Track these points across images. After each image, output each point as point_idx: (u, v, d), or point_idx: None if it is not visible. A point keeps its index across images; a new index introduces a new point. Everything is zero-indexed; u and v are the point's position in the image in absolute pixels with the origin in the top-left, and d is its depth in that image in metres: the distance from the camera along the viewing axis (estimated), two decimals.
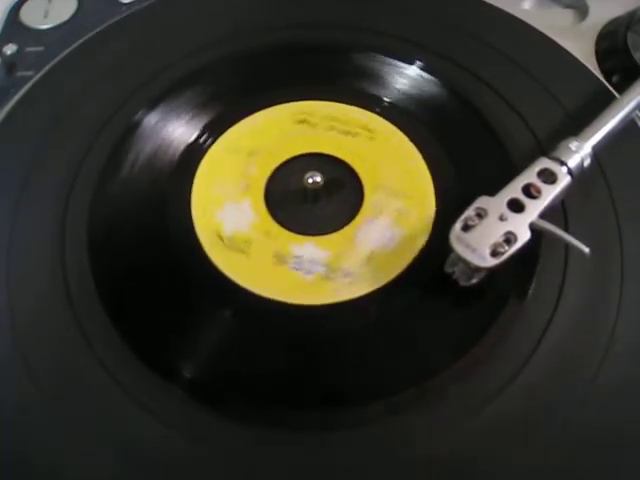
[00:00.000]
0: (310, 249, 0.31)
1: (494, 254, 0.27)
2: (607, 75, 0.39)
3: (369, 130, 0.35)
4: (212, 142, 0.35)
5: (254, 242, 0.32)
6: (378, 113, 0.36)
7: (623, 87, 0.33)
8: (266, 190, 0.33)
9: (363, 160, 0.34)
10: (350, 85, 0.37)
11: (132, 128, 0.35)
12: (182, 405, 0.28)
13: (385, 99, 0.36)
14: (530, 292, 0.30)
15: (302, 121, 0.36)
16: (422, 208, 0.32)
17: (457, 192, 0.33)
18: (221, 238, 0.32)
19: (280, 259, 0.31)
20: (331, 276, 0.30)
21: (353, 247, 0.31)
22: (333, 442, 0.27)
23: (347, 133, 0.35)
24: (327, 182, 0.32)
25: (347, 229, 0.32)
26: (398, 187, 0.33)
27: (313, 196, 0.33)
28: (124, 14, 0.42)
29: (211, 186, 0.33)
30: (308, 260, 0.31)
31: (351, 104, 0.36)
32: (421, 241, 0.31)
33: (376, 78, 0.37)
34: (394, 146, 0.35)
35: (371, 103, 0.36)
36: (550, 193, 0.28)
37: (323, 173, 0.32)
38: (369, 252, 0.31)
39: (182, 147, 0.35)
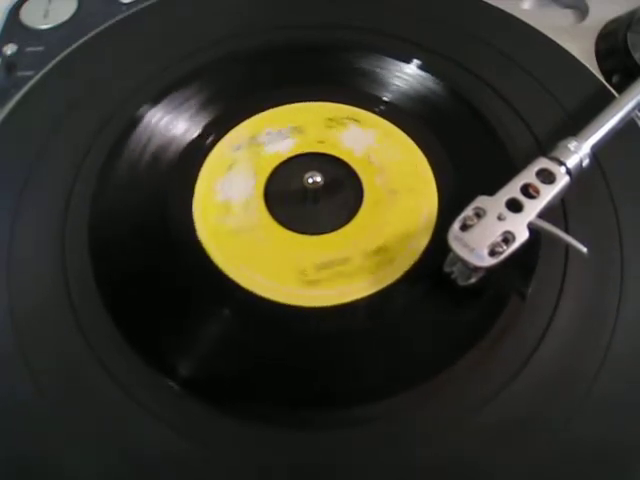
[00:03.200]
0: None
1: (492, 254, 0.27)
2: (607, 75, 0.39)
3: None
4: (213, 142, 0.35)
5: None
6: (378, 113, 0.36)
7: (623, 87, 0.33)
8: (266, 190, 0.33)
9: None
10: (350, 85, 0.37)
11: (132, 128, 0.35)
12: (182, 404, 0.28)
13: (385, 99, 0.36)
14: (530, 292, 0.30)
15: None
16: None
17: (457, 191, 0.33)
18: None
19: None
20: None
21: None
22: (333, 442, 0.27)
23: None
24: (327, 182, 0.32)
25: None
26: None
27: (313, 196, 0.33)
28: (124, 14, 0.42)
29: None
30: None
31: (351, 104, 0.36)
32: (423, 241, 0.31)
33: (376, 78, 0.37)
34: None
35: (371, 103, 0.36)
36: (548, 193, 0.28)
37: (323, 173, 0.32)
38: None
39: (183, 147, 0.35)
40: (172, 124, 0.36)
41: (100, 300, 0.30)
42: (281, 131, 0.35)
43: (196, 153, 0.35)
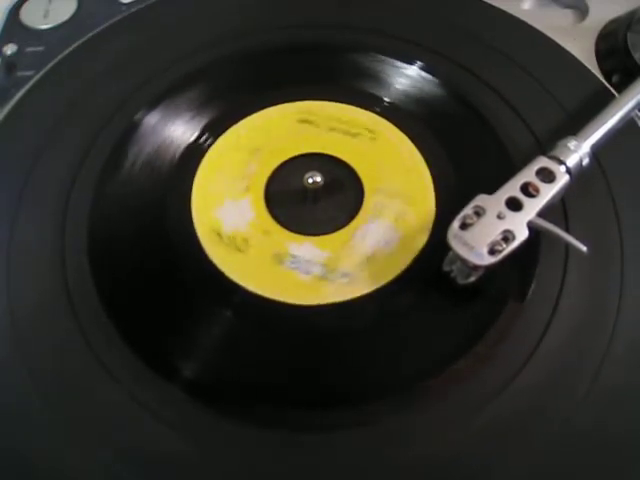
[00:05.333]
0: (309, 249, 0.31)
1: (492, 252, 0.27)
2: (607, 75, 0.39)
3: (369, 130, 0.35)
4: (212, 142, 0.35)
5: (253, 241, 0.32)
6: (378, 113, 0.36)
7: (623, 87, 0.33)
8: (266, 190, 0.33)
9: (363, 160, 0.34)
10: (351, 85, 0.37)
11: (132, 128, 0.35)
12: (182, 405, 0.28)
13: (385, 99, 0.36)
14: (530, 292, 0.30)
15: (302, 121, 0.36)
16: (422, 208, 0.32)
17: (457, 191, 0.33)
18: (220, 237, 0.32)
19: (279, 258, 0.31)
20: (329, 276, 0.30)
21: (352, 247, 0.31)
22: (333, 442, 0.27)
23: (347, 133, 0.35)
24: (327, 182, 0.32)
25: (347, 229, 0.32)
26: (398, 187, 0.33)
27: (313, 196, 0.33)
28: (124, 14, 0.42)
29: (211, 186, 0.33)
30: (306, 260, 0.31)
31: (352, 104, 0.36)
32: (421, 241, 0.31)
33: (376, 78, 0.37)
34: (394, 146, 0.35)
35: (371, 103, 0.36)
36: (548, 192, 0.28)
37: (323, 173, 0.32)
38: (368, 252, 0.31)
39: (182, 147, 0.35)
40: (172, 124, 0.36)
41: (99, 300, 0.30)
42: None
43: (195, 153, 0.35)
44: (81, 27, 0.42)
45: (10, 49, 0.42)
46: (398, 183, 0.33)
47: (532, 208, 0.28)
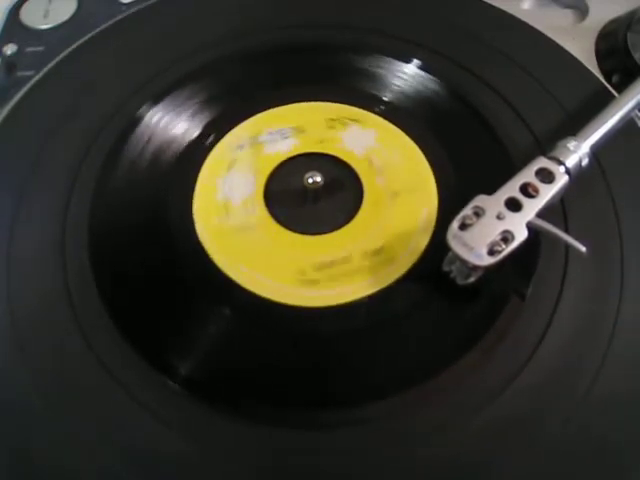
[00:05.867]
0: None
1: (491, 253, 0.27)
2: (607, 75, 0.39)
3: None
4: (214, 142, 0.35)
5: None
6: (378, 113, 0.36)
7: (623, 87, 0.33)
8: (266, 190, 0.33)
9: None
10: (351, 85, 0.37)
11: (132, 128, 0.35)
12: (182, 404, 0.28)
13: (385, 99, 0.36)
14: (530, 292, 0.30)
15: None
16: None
17: (457, 191, 0.33)
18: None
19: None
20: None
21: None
22: (333, 442, 0.27)
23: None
24: (327, 182, 0.32)
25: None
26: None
27: (313, 196, 0.33)
28: (124, 14, 0.42)
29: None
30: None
31: (351, 104, 0.36)
32: (423, 241, 0.31)
33: (376, 78, 0.37)
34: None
35: (371, 103, 0.36)
36: (548, 192, 0.28)
37: (323, 173, 0.32)
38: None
39: (183, 147, 0.35)
40: (172, 124, 0.36)
41: (100, 300, 0.30)
42: (281, 131, 0.35)
43: (196, 153, 0.35)
44: (81, 27, 0.42)
45: (10, 49, 0.42)
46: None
47: (531, 208, 0.28)
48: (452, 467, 0.27)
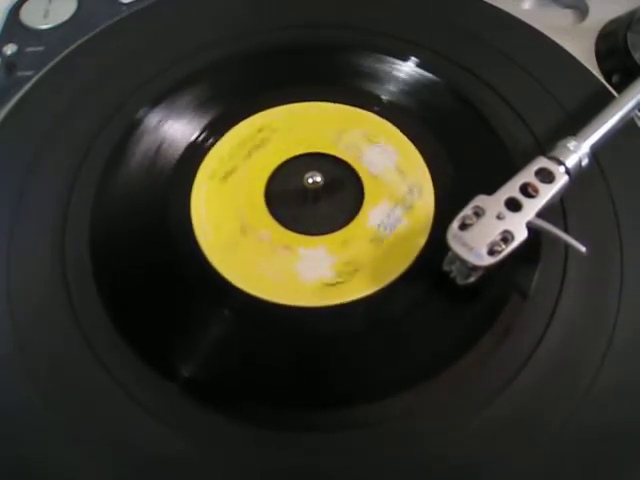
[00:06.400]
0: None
1: (491, 253, 0.27)
2: (607, 75, 0.39)
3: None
4: (213, 142, 0.35)
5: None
6: (377, 112, 0.36)
7: (623, 87, 0.33)
8: (266, 190, 0.33)
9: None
10: (350, 85, 0.37)
11: (132, 128, 0.35)
12: (182, 405, 0.28)
13: (385, 98, 0.36)
14: (530, 292, 0.30)
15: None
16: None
17: (456, 191, 0.33)
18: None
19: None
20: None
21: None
22: (333, 442, 0.27)
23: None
24: (327, 182, 0.32)
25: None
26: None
27: (313, 196, 0.33)
28: (124, 14, 0.42)
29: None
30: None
31: (351, 104, 0.36)
32: (421, 241, 0.31)
33: (376, 78, 0.37)
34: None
35: (371, 103, 0.36)
36: (547, 192, 0.29)
37: (323, 173, 0.32)
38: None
39: (183, 147, 0.35)
40: (172, 124, 0.36)
41: (100, 300, 0.30)
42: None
43: (196, 154, 0.35)
44: (81, 27, 0.42)
45: (10, 49, 0.42)
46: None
47: (531, 208, 0.28)
48: (452, 467, 0.27)
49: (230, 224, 0.32)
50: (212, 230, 0.32)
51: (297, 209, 0.33)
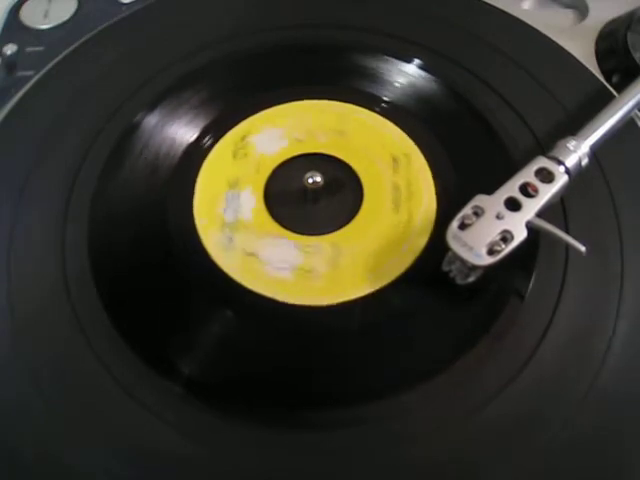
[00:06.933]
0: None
1: (491, 252, 0.27)
2: (607, 75, 0.39)
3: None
4: (213, 143, 0.35)
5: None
6: (378, 112, 0.36)
7: (623, 87, 0.33)
8: (266, 190, 0.33)
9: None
10: (350, 85, 0.37)
11: (132, 128, 0.35)
12: (182, 405, 0.28)
13: (385, 99, 0.36)
14: (530, 292, 0.30)
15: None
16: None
17: (457, 191, 0.33)
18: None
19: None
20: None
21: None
22: (333, 442, 0.27)
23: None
24: (327, 182, 0.32)
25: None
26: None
27: (313, 196, 0.33)
28: (124, 14, 0.42)
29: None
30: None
31: (351, 103, 0.36)
32: (422, 241, 0.31)
33: (376, 78, 0.37)
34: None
35: (371, 103, 0.36)
36: (547, 192, 0.29)
37: (323, 173, 0.32)
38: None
39: (183, 148, 0.35)
40: (172, 125, 0.36)
41: (100, 301, 0.30)
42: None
43: (196, 154, 0.35)
44: (81, 27, 0.42)
45: (10, 49, 0.41)
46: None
47: (531, 208, 0.28)
48: (452, 467, 0.27)
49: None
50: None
51: (297, 209, 0.33)
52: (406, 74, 0.37)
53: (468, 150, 0.35)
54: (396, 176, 0.34)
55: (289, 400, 0.28)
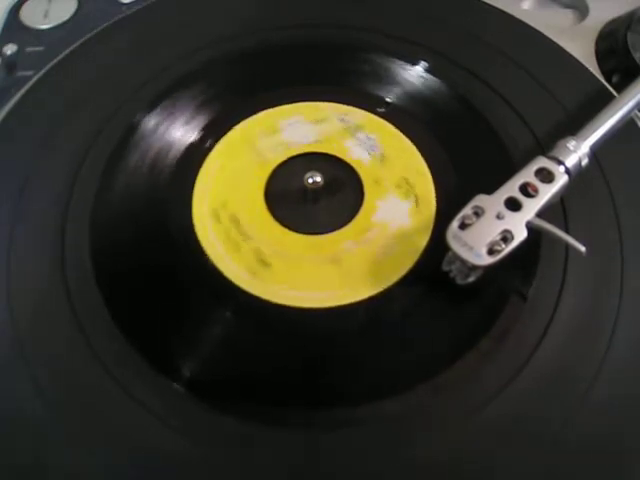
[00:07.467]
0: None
1: (491, 252, 0.27)
2: (607, 75, 0.39)
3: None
4: (213, 143, 0.35)
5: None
6: (379, 113, 0.36)
7: (623, 87, 0.33)
8: (266, 190, 0.33)
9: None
10: (351, 85, 0.37)
11: (132, 129, 0.35)
12: (182, 404, 0.28)
13: (386, 99, 0.36)
14: (530, 292, 0.30)
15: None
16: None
17: (458, 192, 0.33)
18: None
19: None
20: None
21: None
22: (333, 442, 0.27)
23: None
24: (327, 182, 0.32)
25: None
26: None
27: (313, 196, 0.33)
28: (124, 14, 0.42)
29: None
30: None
31: (352, 104, 0.36)
32: (422, 242, 0.31)
33: (377, 78, 0.37)
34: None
35: (372, 103, 0.36)
36: (547, 192, 0.29)
37: (323, 173, 0.32)
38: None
39: (183, 148, 0.35)
40: (172, 125, 0.36)
41: (100, 301, 0.30)
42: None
43: (196, 154, 0.35)
44: (81, 27, 0.42)
45: (10, 49, 0.41)
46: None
47: (531, 208, 0.28)
48: (452, 467, 0.27)
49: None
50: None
51: (297, 209, 0.33)
52: (406, 74, 0.37)
53: (468, 150, 0.35)
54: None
55: (289, 400, 0.28)
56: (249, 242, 0.32)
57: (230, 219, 0.32)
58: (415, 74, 0.37)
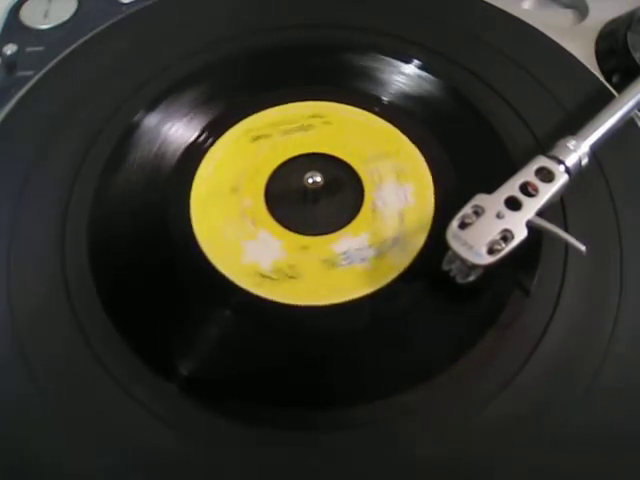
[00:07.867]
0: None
1: (491, 252, 0.27)
2: (607, 75, 0.39)
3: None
4: (212, 143, 0.35)
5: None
6: (377, 113, 0.36)
7: (623, 87, 0.33)
8: (266, 190, 0.33)
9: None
10: (350, 85, 0.37)
11: (132, 129, 0.35)
12: (182, 404, 0.28)
13: (384, 99, 0.36)
14: (531, 291, 0.30)
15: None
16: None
17: (457, 191, 0.33)
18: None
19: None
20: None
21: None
22: (333, 442, 0.27)
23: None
24: (327, 182, 0.32)
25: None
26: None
27: (313, 196, 0.33)
28: (124, 14, 0.42)
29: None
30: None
31: (351, 104, 0.36)
32: (420, 240, 0.31)
33: (376, 78, 0.37)
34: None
35: (370, 103, 0.36)
36: (547, 191, 0.29)
37: (323, 173, 0.32)
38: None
39: (182, 148, 0.35)
40: (171, 125, 0.36)
41: (99, 300, 0.30)
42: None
43: (196, 154, 0.35)
44: (81, 27, 0.42)
45: (10, 49, 0.41)
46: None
47: (531, 207, 0.28)
48: (452, 467, 0.27)
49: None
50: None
51: (297, 209, 0.33)
52: (406, 74, 0.37)
53: (468, 150, 0.35)
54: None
55: (288, 400, 0.28)
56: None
57: None
58: (415, 74, 0.37)
